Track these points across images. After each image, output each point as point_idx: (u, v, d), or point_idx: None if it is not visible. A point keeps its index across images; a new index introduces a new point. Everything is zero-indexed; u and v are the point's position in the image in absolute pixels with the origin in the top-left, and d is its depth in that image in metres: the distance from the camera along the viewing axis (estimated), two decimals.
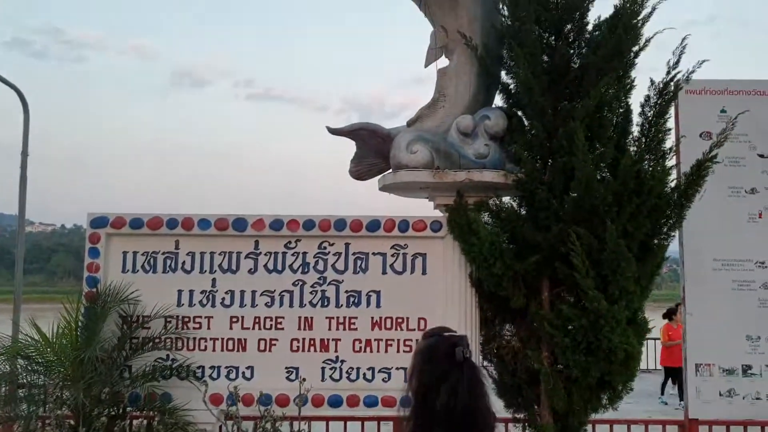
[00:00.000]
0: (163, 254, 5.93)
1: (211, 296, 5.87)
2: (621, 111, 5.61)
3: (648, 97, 5.64)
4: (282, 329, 5.82)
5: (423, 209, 6.30)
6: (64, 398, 5.36)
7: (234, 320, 5.85)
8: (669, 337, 13.47)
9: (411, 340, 5.70)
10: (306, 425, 5.86)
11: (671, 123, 5.81)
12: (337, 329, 5.81)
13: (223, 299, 5.87)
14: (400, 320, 5.82)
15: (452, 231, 5.72)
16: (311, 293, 5.86)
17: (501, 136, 5.74)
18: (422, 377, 2.31)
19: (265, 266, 5.90)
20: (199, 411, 5.46)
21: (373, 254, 5.90)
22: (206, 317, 5.85)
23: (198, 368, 5.76)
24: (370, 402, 5.72)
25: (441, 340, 2.35)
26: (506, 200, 5.90)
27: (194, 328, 5.83)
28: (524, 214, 5.68)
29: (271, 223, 5.90)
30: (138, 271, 5.92)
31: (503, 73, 5.95)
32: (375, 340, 5.80)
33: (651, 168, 5.44)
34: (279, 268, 5.89)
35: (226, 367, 5.80)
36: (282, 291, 5.86)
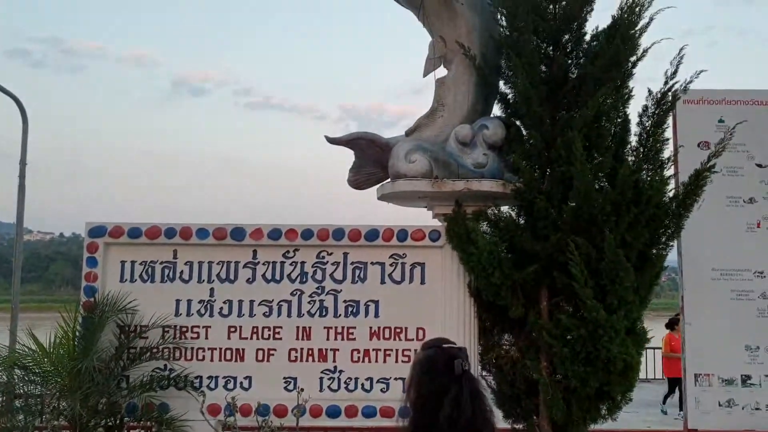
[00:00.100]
0: (161, 264, 5.92)
1: (209, 306, 5.87)
2: (619, 121, 5.63)
3: (646, 107, 5.66)
4: (280, 339, 5.81)
5: (422, 219, 6.31)
6: (61, 409, 5.35)
7: (232, 330, 5.84)
8: (671, 348, 13.17)
9: (409, 350, 5.69)
10: None
11: (669, 133, 5.85)
12: (336, 339, 5.80)
13: (221, 309, 5.86)
14: (399, 330, 5.81)
15: (451, 240, 5.72)
16: (309, 303, 5.85)
17: (499, 146, 5.75)
18: (421, 389, 2.30)
19: (264, 276, 5.89)
20: (197, 421, 5.44)
21: (372, 264, 5.89)
22: (204, 327, 5.84)
23: (196, 378, 5.75)
24: (369, 412, 5.70)
25: (440, 352, 2.34)
26: (505, 209, 5.90)
27: (192, 338, 5.82)
28: (523, 224, 5.69)
29: (270, 233, 5.89)
30: (136, 281, 5.91)
31: (501, 83, 5.98)
32: (373, 350, 5.79)
33: (649, 178, 5.46)
34: (277, 278, 5.89)
35: (224, 377, 5.79)
36: (280, 301, 5.85)
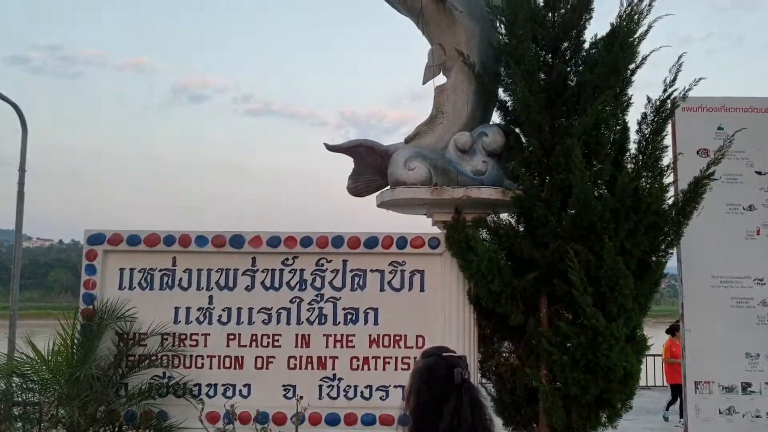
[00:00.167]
0: (160, 271, 5.92)
1: (208, 313, 5.86)
2: (618, 128, 5.64)
3: (645, 115, 5.67)
4: (279, 347, 5.80)
5: (421, 226, 6.30)
6: (59, 417, 5.35)
7: (231, 338, 5.83)
8: (671, 354, 13.15)
9: (409, 358, 5.68)
10: None
11: (668, 140, 5.85)
12: (335, 347, 5.80)
13: (220, 316, 5.85)
14: (398, 338, 5.80)
15: (450, 248, 5.71)
16: (308, 310, 5.84)
17: (499, 153, 5.76)
18: (420, 397, 2.30)
19: (263, 283, 5.89)
20: (196, 429, 5.42)
21: (371, 271, 5.89)
22: (203, 334, 5.84)
23: (195, 386, 5.74)
24: (368, 420, 5.69)
25: (440, 361, 2.34)
26: (504, 217, 5.90)
27: (191, 346, 5.81)
28: (522, 231, 5.69)
29: (269, 240, 5.89)
30: (135, 288, 5.91)
31: (501, 91, 5.98)
32: (373, 358, 5.78)
33: (648, 185, 5.46)
34: (276, 285, 5.88)
35: (223, 385, 5.77)
36: (279, 308, 5.85)
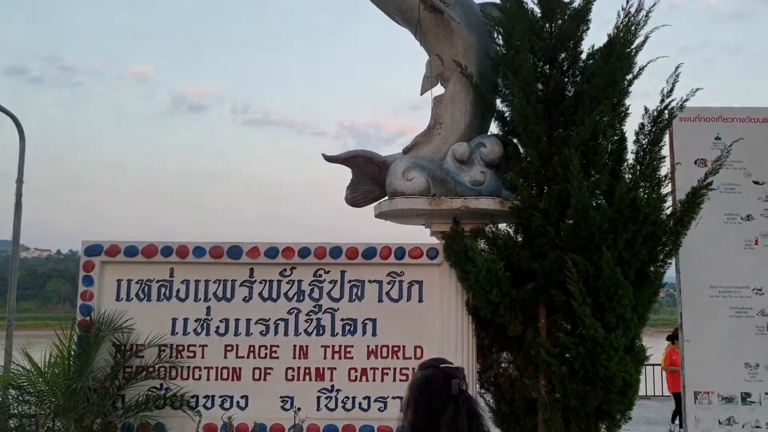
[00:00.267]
0: (158, 282, 5.90)
1: (206, 324, 5.84)
2: (616, 138, 5.64)
3: (642, 125, 5.67)
4: (277, 358, 5.78)
5: (419, 236, 6.29)
6: (56, 429, 5.31)
7: (228, 349, 5.80)
8: (671, 362, 13.07)
9: (407, 369, 5.65)
10: None
11: (666, 150, 5.86)
12: (333, 358, 5.77)
13: (218, 328, 5.83)
14: (397, 349, 5.78)
15: (449, 258, 5.70)
16: (306, 321, 5.82)
17: (497, 164, 5.76)
18: (418, 409, 2.30)
19: (260, 294, 5.87)
20: None
21: (369, 282, 5.88)
22: (200, 346, 5.81)
23: (192, 398, 5.71)
24: (367, 431, 5.65)
25: (437, 372, 2.33)
26: (502, 227, 5.90)
27: (188, 357, 5.79)
28: (520, 241, 5.68)
29: (267, 251, 5.88)
30: (132, 299, 5.89)
31: (498, 101, 5.99)
32: (371, 369, 5.76)
33: (646, 195, 5.46)
34: (274, 296, 5.87)
35: (221, 397, 5.75)
36: (277, 319, 5.83)
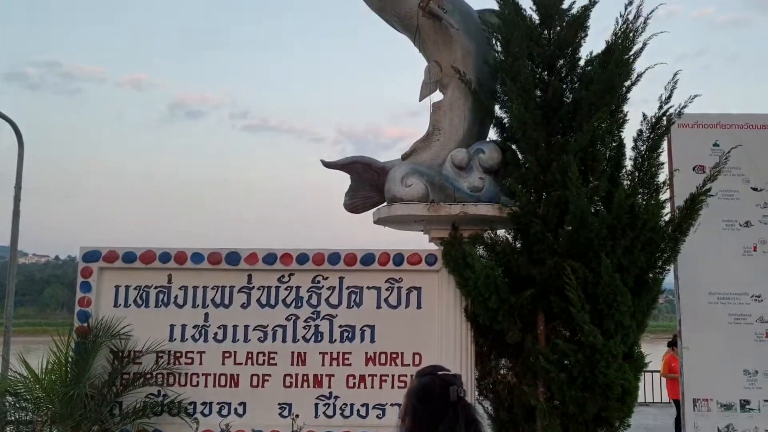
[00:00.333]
0: (156, 288, 5.89)
1: (204, 331, 5.82)
2: (614, 145, 5.64)
3: (641, 132, 5.68)
4: (275, 365, 5.76)
5: (418, 243, 6.28)
6: None
7: (226, 355, 5.79)
8: (670, 369, 12.96)
9: (406, 376, 5.64)
10: None
11: (664, 157, 5.86)
12: (331, 365, 5.76)
13: (216, 334, 5.81)
14: (395, 355, 5.76)
15: (447, 264, 5.70)
16: (305, 328, 5.81)
17: (495, 170, 5.76)
18: (416, 416, 2.30)
19: (258, 300, 5.86)
20: None
21: (368, 288, 5.87)
22: (198, 352, 5.80)
23: (190, 404, 5.69)
24: None
25: (435, 380, 2.33)
26: (501, 233, 5.89)
27: (186, 364, 5.77)
28: (519, 248, 5.67)
29: (265, 257, 5.87)
30: (130, 306, 5.87)
31: (497, 108, 6.00)
32: (369, 376, 5.74)
33: (645, 201, 5.46)
34: (272, 303, 5.85)
35: (218, 403, 5.73)
36: (275, 326, 5.81)
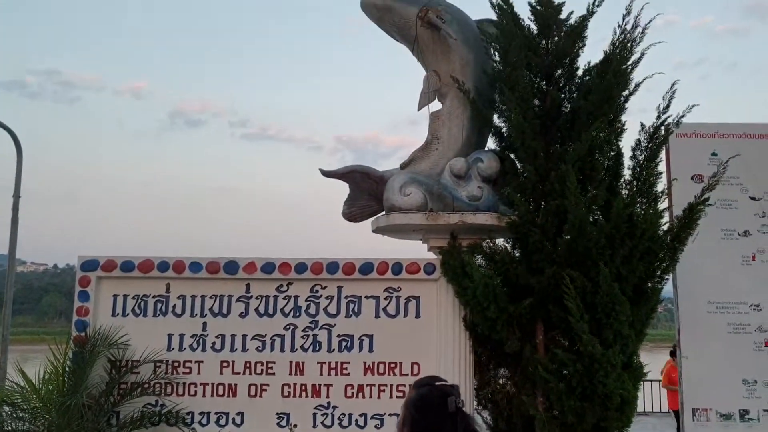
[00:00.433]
0: (154, 297, 5.88)
1: (202, 340, 5.81)
2: (612, 154, 5.65)
3: (639, 141, 5.69)
4: (273, 374, 5.74)
5: (416, 252, 6.28)
6: None
7: (224, 365, 5.77)
8: (670, 381, 12.80)
9: (404, 386, 5.62)
10: None
11: (662, 166, 5.86)
12: (329, 374, 5.74)
13: (214, 343, 5.80)
14: (393, 365, 5.74)
15: (446, 273, 5.69)
16: (303, 337, 5.79)
17: (494, 179, 5.76)
18: (414, 427, 2.29)
19: (257, 310, 5.85)
20: None
21: (366, 297, 5.86)
22: (196, 362, 5.77)
23: (187, 414, 5.67)
24: None
25: (433, 390, 2.33)
26: (500, 242, 5.88)
27: (184, 373, 5.75)
28: (518, 257, 5.66)
29: (263, 266, 5.86)
30: (128, 315, 5.86)
31: (495, 117, 6.00)
32: (367, 386, 5.72)
33: (643, 211, 5.46)
34: (270, 312, 5.84)
35: (216, 413, 5.70)
36: (273, 335, 5.80)
